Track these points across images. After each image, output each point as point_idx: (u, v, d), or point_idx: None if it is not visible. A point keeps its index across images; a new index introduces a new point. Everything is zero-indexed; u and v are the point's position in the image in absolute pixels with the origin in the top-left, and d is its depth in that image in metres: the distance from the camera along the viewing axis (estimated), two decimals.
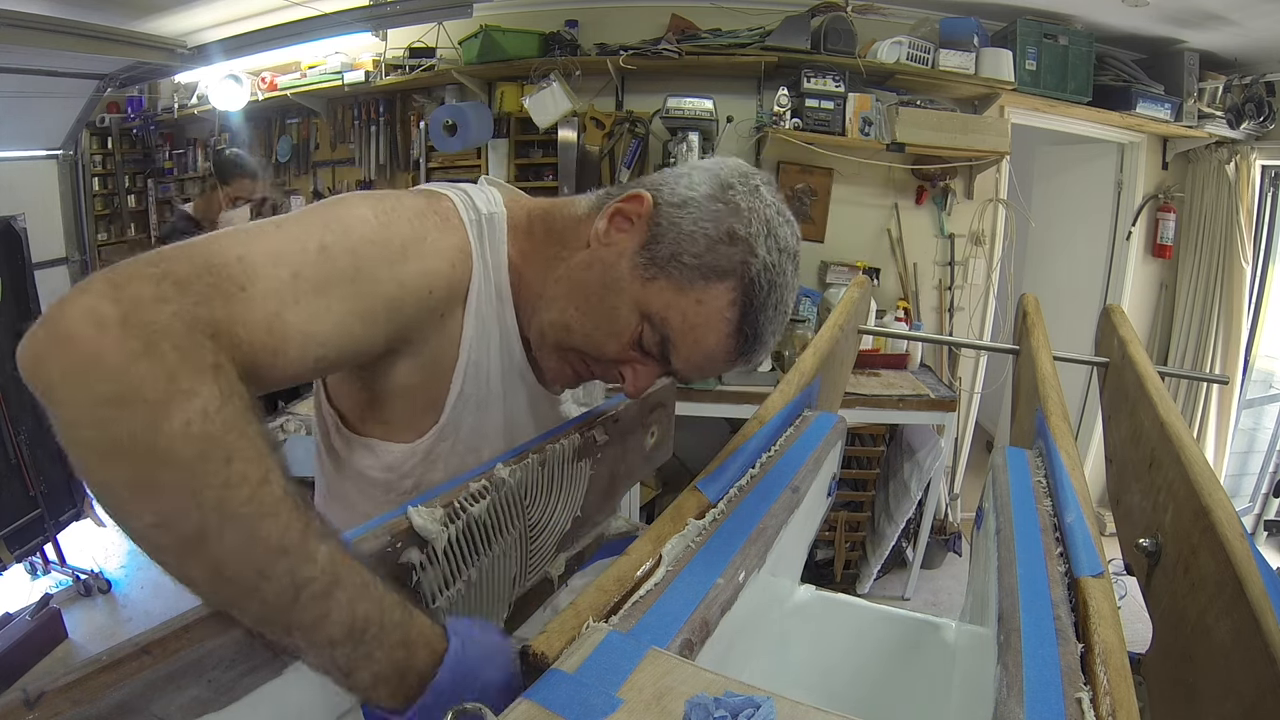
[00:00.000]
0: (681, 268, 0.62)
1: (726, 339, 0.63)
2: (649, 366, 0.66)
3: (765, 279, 0.62)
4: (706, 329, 0.63)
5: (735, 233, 0.62)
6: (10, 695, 0.34)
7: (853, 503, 2.81)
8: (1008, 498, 0.66)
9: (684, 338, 0.63)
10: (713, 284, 0.62)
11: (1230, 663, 0.50)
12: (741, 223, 0.62)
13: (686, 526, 0.59)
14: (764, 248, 0.62)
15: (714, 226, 0.62)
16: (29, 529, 2.62)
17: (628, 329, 0.64)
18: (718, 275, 0.62)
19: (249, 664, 0.43)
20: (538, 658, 0.43)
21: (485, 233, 0.66)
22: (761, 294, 0.62)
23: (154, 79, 3.58)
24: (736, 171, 0.66)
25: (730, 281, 0.62)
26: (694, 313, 0.62)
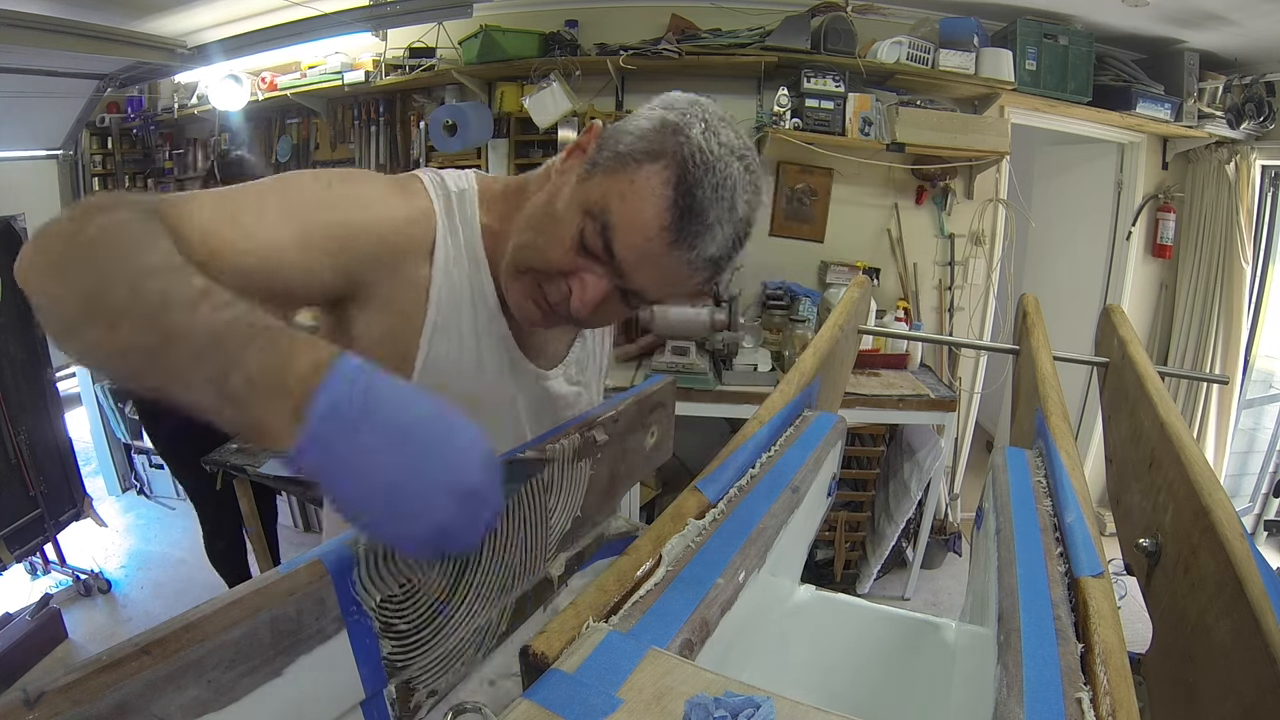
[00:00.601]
0: (615, 155, 0.64)
1: (663, 213, 0.61)
2: (596, 274, 0.66)
3: (701, 159, 0.62)
4: (641, 203, 0.62)
5: (667, 120, 0.64)
6: (10, 695, 0.34)
7: (853, 503, 2.81)
8: (1008, 498, 0.66)
9: (620, 218, 0.62)
10: (645, 164, 0.62)
11: (1230, 663, 0.50)
12: (675, 114, 0.64)
13: (686, 526, 0.59)
14: (700, 135, 0.63)
15: (648, 122, 0.65)
16: (29, 529, 2.62)
17: (571, 227, 0.65)
18: (650, 157, 0.62)
19: (249, 664, 0.43)
20: (538, 658, 0.43)
21: (454, 205, 0.70)
22: (697, 171, 0.61)
23: (154, 79, 3.58)
24: (682, 94, 0.70)
25: (663, 160, 0.62)
26: (628, 191, 0.62)
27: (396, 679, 0.56)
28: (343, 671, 0.51)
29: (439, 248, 0.68)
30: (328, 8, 2.80)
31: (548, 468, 0.72)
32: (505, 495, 0.50)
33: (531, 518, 0.72)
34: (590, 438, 0.79)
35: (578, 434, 0.77)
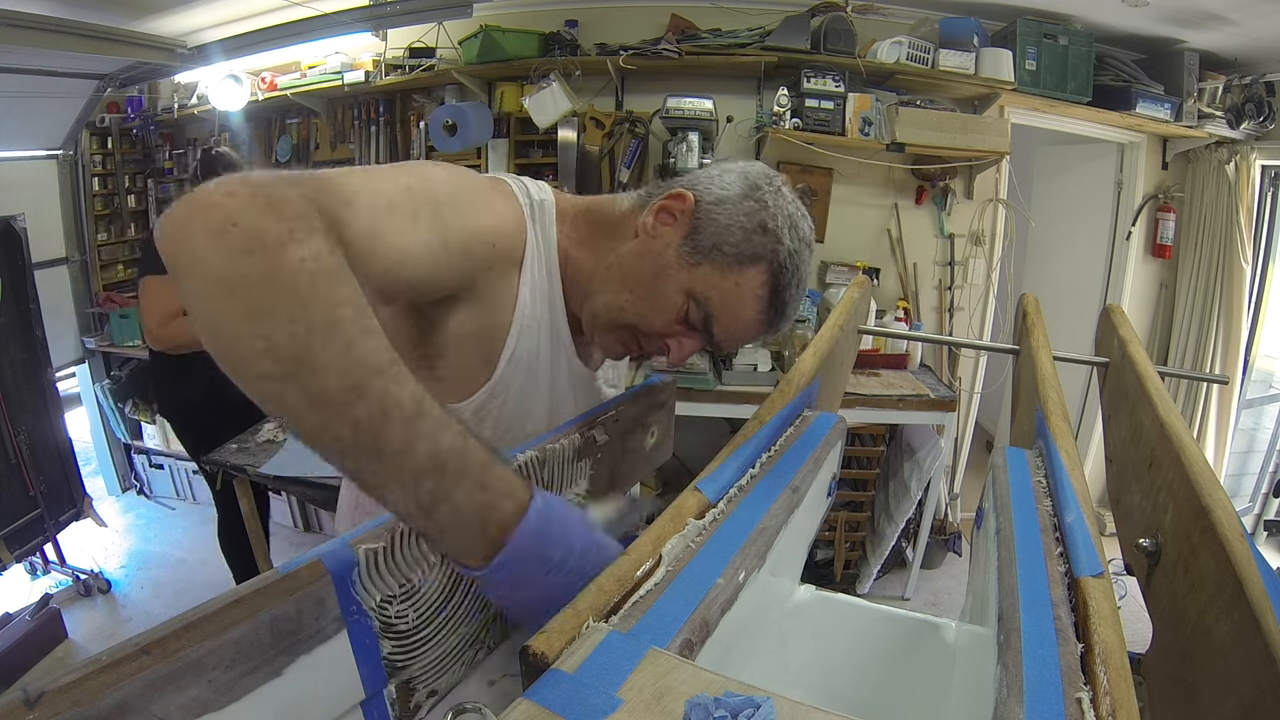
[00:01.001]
0: (721, 255, 0.73)
1: (760, 313, 0.75)
2: (693, 339, 0.77)
3: (790, 263, 0.74)
4: (743, 305, 0.74)
5: (765, 225, 0.73)
6: (10, 695, 0.34)
7: (853, 503, 2.81)
8: (1008, 498, 0.66)
9: (724, 313, 0.74)
10: (747, 268, 0.73)
11: (1230, 663, 0.50)
12: (770, 217, 0.73)
13: (686, 526, 0.59)
14: (788, 237, 0.74)
15: (748, 220, 0.73)
16: (29, 529, 2.63)
17: (675, 307, 0.74)
18: (751, 261, 0.73)
19: (249, 664, 0.43)
20: (538, 658, 0.43)
21: (537, 214, 0.76)
22: (787, 275, 0.74)
23: (154, 79, 3.57)
24: (763, 174, 0.77)
25: (761, 265, 0.73)
26: (733, 292, 0.73)
27: (396, 679, 0.56)
28: (343, 671, 0.51)
29: (528, 259, 0.75)
30: (328, 8, 2.80)
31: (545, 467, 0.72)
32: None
33: None
34: (590, 438, 0.79)
35: (578, 434, 0.77)
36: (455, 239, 0.65)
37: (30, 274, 2.73)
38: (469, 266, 0.69)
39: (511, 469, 0.52)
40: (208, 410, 2.29)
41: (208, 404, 2.29)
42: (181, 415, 2.41)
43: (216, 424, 2.22)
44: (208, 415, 2.27)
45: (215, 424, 2.22)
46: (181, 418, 2.42)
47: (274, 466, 2.03)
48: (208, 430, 2.24)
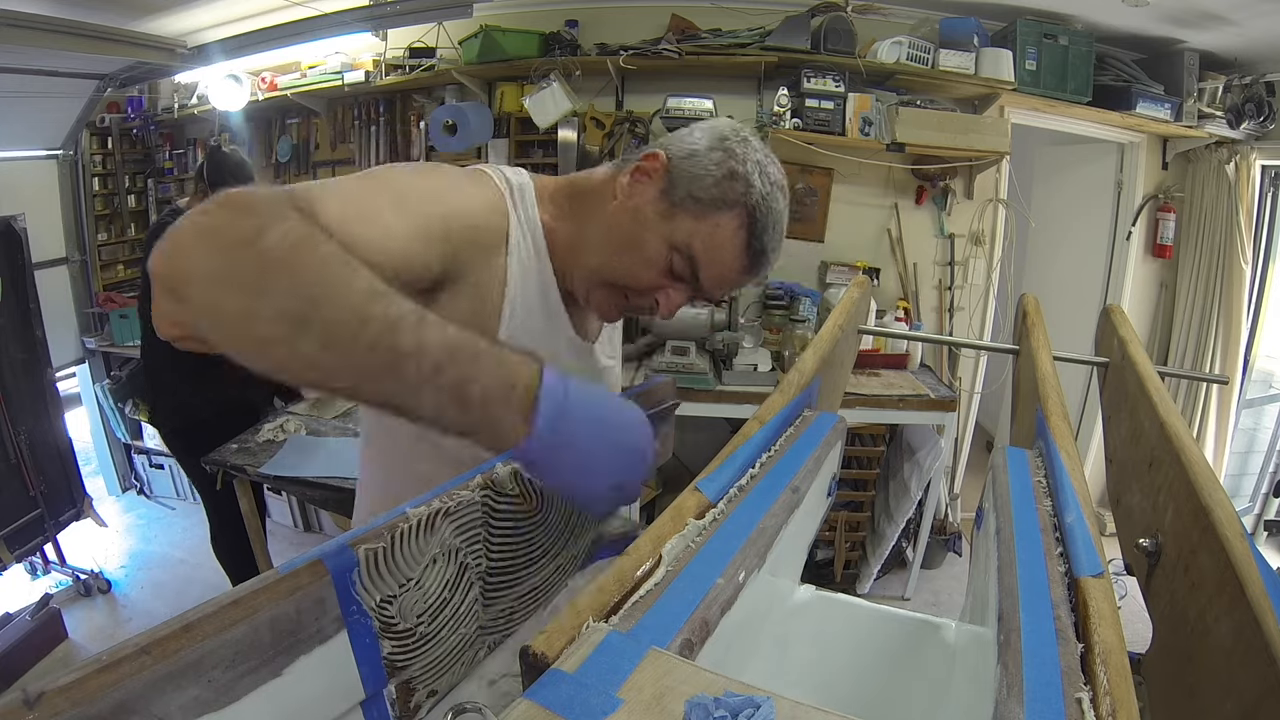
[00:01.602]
0: (696, 203, 0.76)
1: (741, 256, 0.78)
2: (680, 290, 0.81)
3: (764, 204, 0.77)
4: (723, 249, 0.77)
5: (735, 171, 0.76)
6: (10, 695, 0.34)
7: (853, 503, 2.81)
8: (1008, 498, 0.66)
9: (706, 257, 0.77)
10: (723, 212, 0.76)
11: (1230, 663, 0.50)
12: (739, 163, 0.77)
13: (686, 526, 0.59)
14: (759, 181, 0.77)
15: (717, 168, 0.76)
16: (29, 529, 2.63)
17: (660, 259, 0.78)
18: (726, 205, 0.76)
19: (249, 664, 0.43)
20: (538, 658, 0.43)
21: (518, 197, 0.80)
22: (762, 216, 0.77)
23: (154, 79, 3.57)
24: (729, 126, 0.80)
25: (737, 209, 0.76)
26: (712, 236, 0.77)
27: (396, 679, 0.56)
28: (343, 671, 0.51)
29: (512, 236, 0.78)
30: (328, 8, 2.80)
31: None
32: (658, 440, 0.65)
33: (525, 522, 0.72)
34: None
35: None
36: (432, 224, 0.67)
37: (30, 274, 2.72)
38: (450, 249, 0.70)
39: (519, 353, 0.55)
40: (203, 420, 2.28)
41: (204, 413, 2.29)
42: (176, 422, 2.38)
43: (209, 435, 2.19)
44: (202, 425, 2.26)
45: (208, 435, 2.20)
46: (176, 425, 2.39)
47: (274, 466, 2.03)
48: (199, 440, 2.21)
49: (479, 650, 0.66)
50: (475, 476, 0.64)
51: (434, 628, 0.59)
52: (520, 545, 0.70)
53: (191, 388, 2.24)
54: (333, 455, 2.10)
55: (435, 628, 0.59)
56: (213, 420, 2.27)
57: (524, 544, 0.70)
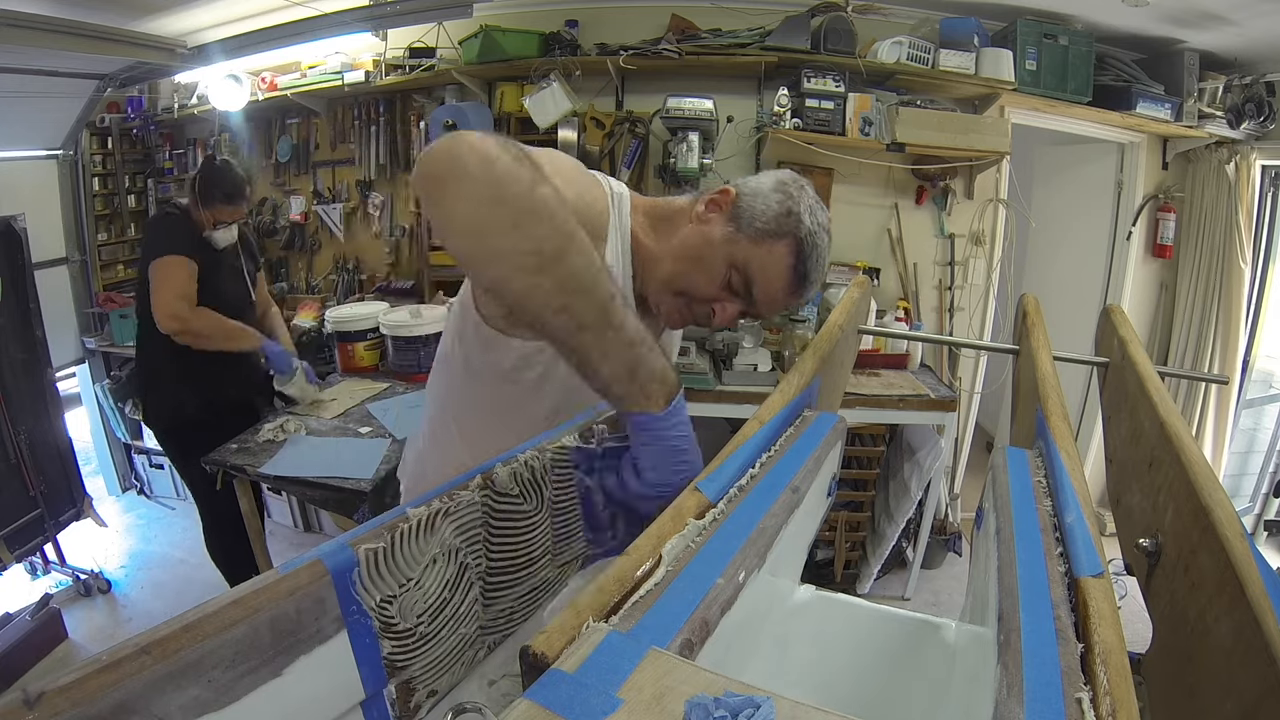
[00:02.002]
0: (756, 230, 0.91)
1: (789, 279, 0.92)
2: (734, 303, 0.94)
3: (810, 239, 0.91)
4: (775, 270, 0.91)
5: (790, 210, 0.91)
6: (10, 695, 0.34)
7: (853, 503, 2.81)
8: (1008, 498, 0.66)
9: (760, 277, 0.91)
10: (777, 242, 0.90)
11: (1230, 663, 0.50)
12: (794, 204, 0.91)
13: (686, 526, 0.59)
14: (808, 219, 0.91)
15: (778, 206, 0.91)
16: (29, 529, 2.63)
17: (720, 275, 0.92)
18: (780, 235, 0.91)
19: (249, 664, 0.43)
20: (538, 658, 0.43)
21: (618, 203, 0.94)
22: (808, 248, 0.91)
23: (154, 79, 3.57)
24: (790, 176, 0.96)
25: (789, 239, 0.90)
26: (766, 260, 0.91)
27: (396, 679, 0.56)
28: (343, 671, 0.51)
29: (610, 235, 0.92)
30: (328, 8, 2.80)
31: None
32: None
33: (525, 522, 0.72)
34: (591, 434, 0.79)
35: (576, 433, 0.77)
36: (579, 204, 0.82)
37: (30, 274, 2.72)
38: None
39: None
40: (198, 420, 2.24)
41: (201, 412, 2.25)
42: (171, 422, 2.34)
43: (205, 435, 2.15)
44: (198, 425, 2.22)
45: (205, 435, 2.15)
46: (170, 425, 2.35)
47: (274, 466, 2.03)
48: (193, 440, 2.16)
49: (479, 650, 0.66)
50: (475, 477, 0.64)
51: (434, 628, 0.59)
52: (520, 545, 0.70)
53: (187, 387, 2.22)
54: (333, 455, 2.10)
55: (435, 628, 0.59)
56: (208, 420, 2.23)
57: (524, 544, 0.70)
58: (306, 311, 3.36)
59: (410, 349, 2.77)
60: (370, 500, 1.91)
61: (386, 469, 2.01)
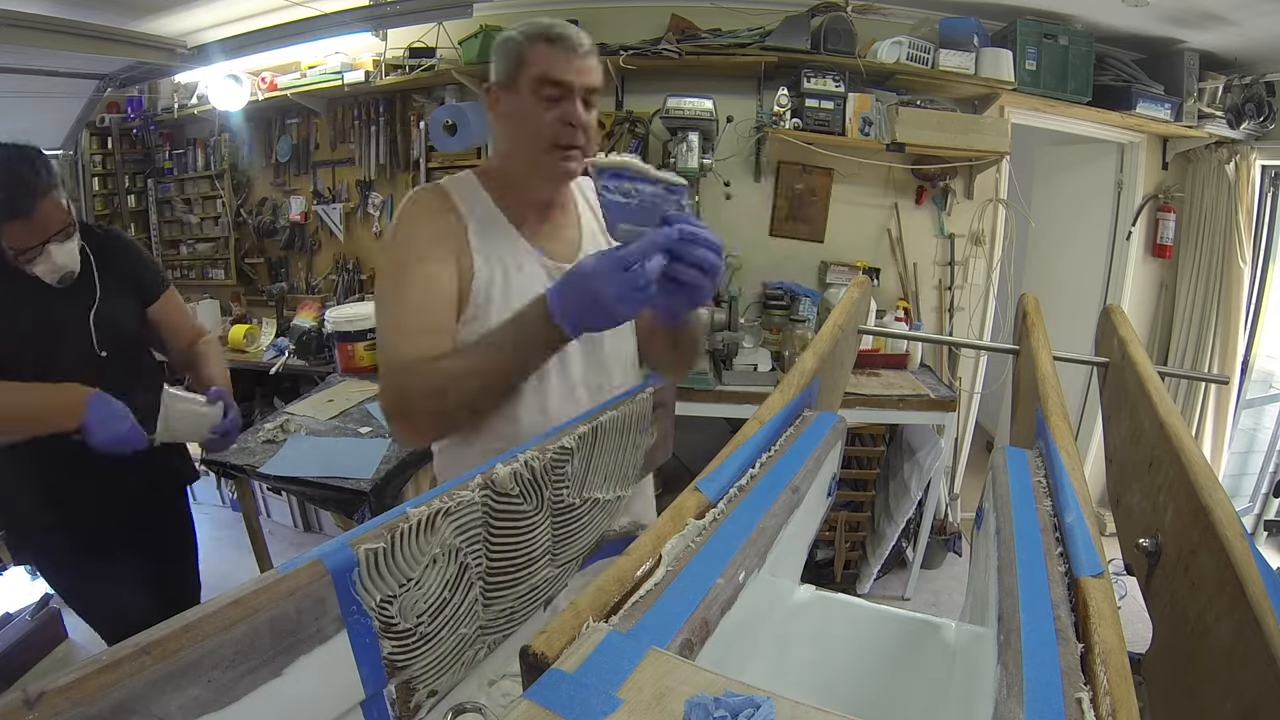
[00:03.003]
0: (503, 68, 1.02)
1: (555, 48, 0.99)
2: (565, 102, 1.00)
3: (534, 26, 1.00)
4: (548, 55, 0.99)
5: (504, 42, 1.02)
6: (10, 695, 0.34)
7: (853, 503, 2.81)
8: (1008, 498, 0.66)
9: (550, 68, 0.98)
10: (525, 53, 1.00)
11: (1230, 663, 0.50)
12: (505, 37, 1.03)
13: (686, 526, 0.59)
14: (519, 29, 1.01)
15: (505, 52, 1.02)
16: None
17: (538, 100, 1.00)
18: (518, 49, 1.00)
19: (249, 664, 0.43)
20: (538, 658, 0.43)
21: (453, 183, 1.09)
22: (542, 29, 0.99)
23: (154, 79, 3.57)
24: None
25: (529, 42, 0.99)
26: (538, 59, 0.99)
27: (396, 679, 0.56)
28: (343, 671, 0.51)
29: (458, 206, 1.06)
30: (328, 8, 2.80)
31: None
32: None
33: (525, 522, 0.72)
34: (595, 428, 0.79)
35: (575, 433, 0.77)
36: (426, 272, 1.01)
37: None
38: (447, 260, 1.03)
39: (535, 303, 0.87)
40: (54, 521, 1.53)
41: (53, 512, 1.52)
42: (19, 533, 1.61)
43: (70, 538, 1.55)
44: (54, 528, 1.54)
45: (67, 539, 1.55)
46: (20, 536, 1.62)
47: (274, 466, 2.03)
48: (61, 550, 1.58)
49: (479, 650, 0.66)
50: (475, 476, 0.64)
51: (434, 628, 0.59)
52: (520, 545, 0.70)
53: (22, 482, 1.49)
54: (333, 455, 2.10)
55: (435, 628, 0.59)
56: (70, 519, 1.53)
57: (524, 544, 0.70)
58: (306, 312, 3.36)
59: None
60: (370, 500, 1.91)
61: (386, 469, 2.01)
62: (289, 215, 3.73)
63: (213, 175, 3.80)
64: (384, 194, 3.54)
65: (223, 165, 3.75)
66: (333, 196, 3.64)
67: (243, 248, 3.89)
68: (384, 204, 3.55)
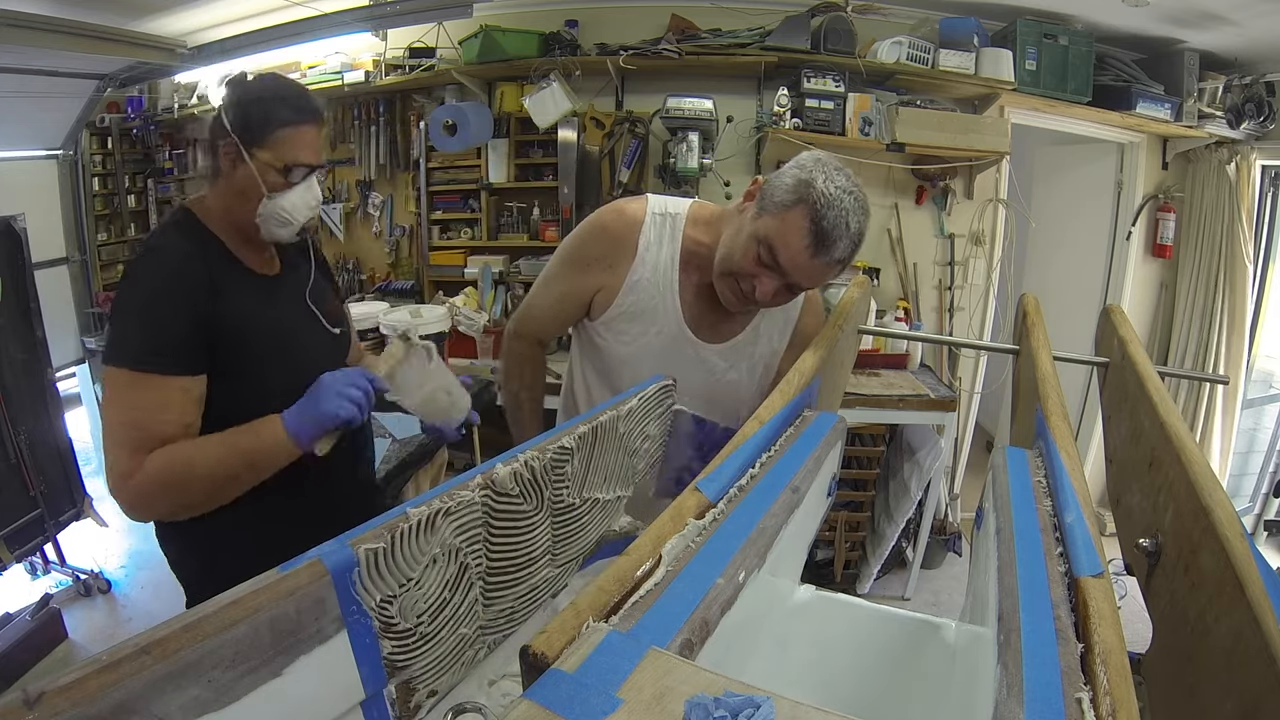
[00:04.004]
0: (773, 204, 1.04)
1: (805, 237, 1.00)
2: (770, 276, 1.05)
3: (824, 200, 0.99)
4: (793, 235, 1.01)
5: (801, 179, 1.02)
6: (10, 695, 0.34)
7: (853, 503, 2.81)
8: (1008, 498, 0.66)
9: (780, 242, 1.02)
10: (792, 209, 1.01)
11: (1230, 663, 0.50)
12: (805, 173, 1.02)
13: (686, 526, 0.59)
14: (821, 184, 1.00)
15: (791, 180, 1.03)
16: (29, 529, 2.62)
17: (751, 250, 1.05)
18: (793, 203, 1.02)
19: (249, 664, 0.43)
20: (538, 658, 0.43)
21: (667, 222, 1.17)
22: (823, 206, 0.99)
23: (154, 79, 3.57)
24: (811, 154, 1.08)
25: (802, 206, 1.01)
26: (784, 227, 1.02)
27: (396, 679, 0.56)
28: (343, 671, 0.51)
29: (642, 249, 1.16)
30: (328, 8, 2.80)
31: None
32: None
33: (525, 522, 0.72)
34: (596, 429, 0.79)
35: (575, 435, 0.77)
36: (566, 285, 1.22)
37: (30, 274, 2.72)
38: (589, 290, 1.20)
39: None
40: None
41: None
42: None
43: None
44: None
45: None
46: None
47: None
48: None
49: (479, 650, 0.66)
50: (475, 476, 0.64)
51: (434, 628, 0.59)
52: (520, 545, 0.70)
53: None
54: None
55: (435, 628, 0.59)
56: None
57: (524, 544, 0.70)
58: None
59: None
60: None
61: (387, 469, 2.01)
62: None
63: None
64: (384, 194, 3.54)
65: None
66: (333, 196, 3.64)
67: None
68: (384, 204, 3.55)
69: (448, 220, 3.40)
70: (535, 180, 3.23)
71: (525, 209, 3.30)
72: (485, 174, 3.25)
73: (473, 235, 3.38)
